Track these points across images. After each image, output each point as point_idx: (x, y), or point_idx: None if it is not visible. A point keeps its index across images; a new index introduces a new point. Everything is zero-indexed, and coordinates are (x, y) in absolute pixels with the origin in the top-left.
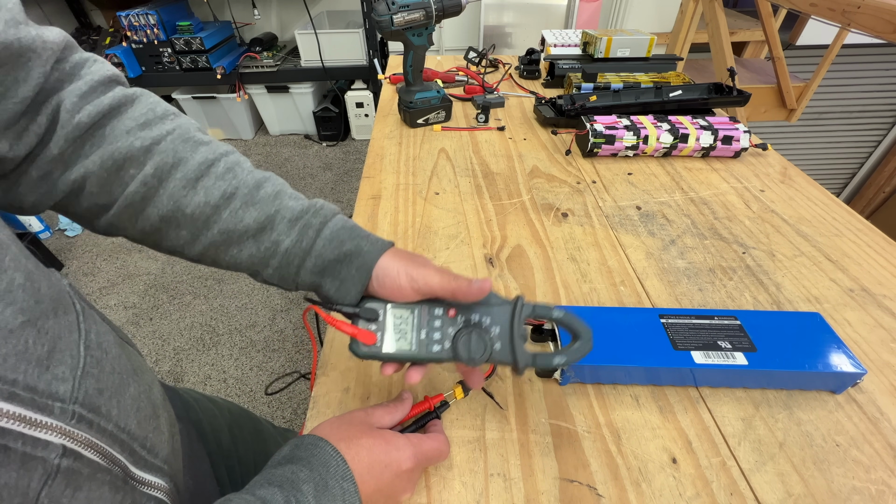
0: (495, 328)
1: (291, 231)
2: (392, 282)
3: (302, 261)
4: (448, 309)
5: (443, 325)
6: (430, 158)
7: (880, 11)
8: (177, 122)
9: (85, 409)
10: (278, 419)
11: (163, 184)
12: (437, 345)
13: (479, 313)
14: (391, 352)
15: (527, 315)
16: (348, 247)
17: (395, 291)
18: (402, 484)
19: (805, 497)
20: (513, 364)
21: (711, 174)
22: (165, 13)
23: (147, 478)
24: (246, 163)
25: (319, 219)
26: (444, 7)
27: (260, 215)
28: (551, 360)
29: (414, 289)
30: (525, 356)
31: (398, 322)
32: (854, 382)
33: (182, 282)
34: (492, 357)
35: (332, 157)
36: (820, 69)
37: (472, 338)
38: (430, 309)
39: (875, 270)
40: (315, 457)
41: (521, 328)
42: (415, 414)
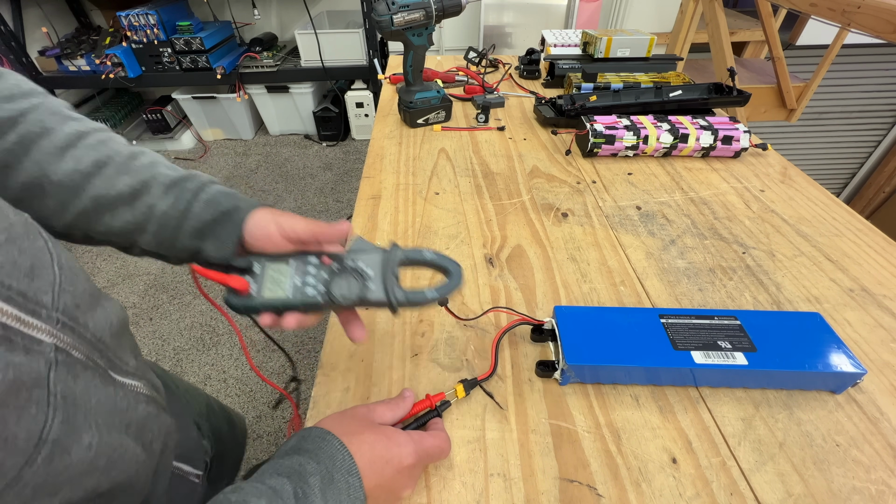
0: (369, 271)
1: (167, 195)
2: (262, 231)
3: (179, 223)
4: (323, 258)
5: (318, 272)
6: (430, 158)
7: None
8: (44, 99)
9: (66, 317)
10: (278, 419)
11: (27, 152)
12: (311, 289)
13: (354, 260)
14: (265, 299)
15: (399, 258)
16: (225, 206)
17: (266, 241)
18: (403, 480)
19: (805, 497)
20: (387, 303)
21: (711, 174)
22: (165, 13)
23: (126, 381)
24: (120, 139)
25: (196, 184)
26: (444, 7)
27: (134, 181)
28: (424, 295)
29: (282, 235)
30: (398, 294)
31: (273, 273)
32: (854, 382)
33: (182, 282)
34: (366, 297)
35: (332, 157)
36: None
37: (346, 280)
38: (305, 258)
39: (875, 270)
40: (322, 450)
41: (394, 270)
42: (416, 412)
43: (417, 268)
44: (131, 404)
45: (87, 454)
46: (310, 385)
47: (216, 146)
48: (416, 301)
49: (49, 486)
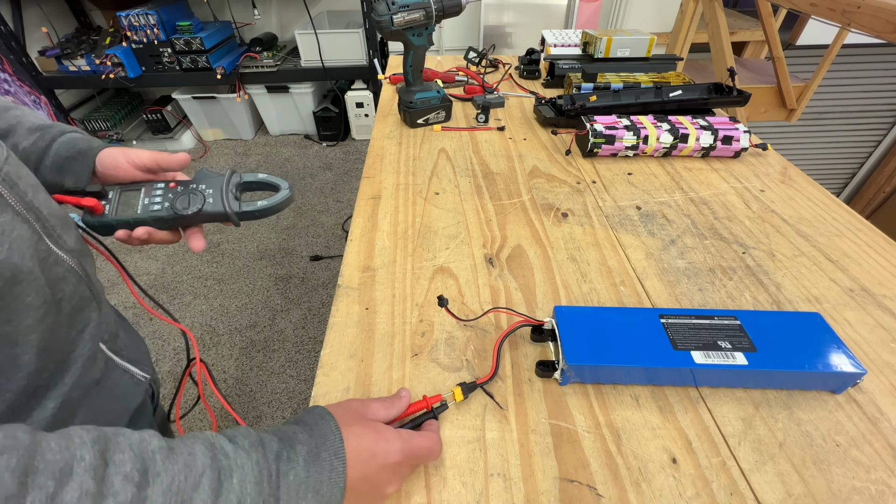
0: (209, 191)
1: (30, 136)
2: (111, 161)
3: (40, 159)
4: (170, 183)
5: (164, 193)
6: (430, 158)
7: (880, 11)
8: None
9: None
10: (278, 419)
11: None
12: (157, 206)
13: (197, 183)
14: (118, 216)
15: (235, 180)
16: (81, 146)
17: (116, 170)
18: (387, 476)
19: (805, 497)
20: (224, 213)
21: (711, 174)
22: (165, 13)
23: (58, 252)
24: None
25: (58, 129)
26: (444, 7)
27: (3, 124)
28: (255, 204)
29: (129, 163)
30: (233, 205)
31: (126, 197)
32: (854, 382)
33: (182, 282)
34: (204, 209)
35: (332, 157)
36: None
37: (188, 196)
38: (154, 184)
39: (875, 270)
40: (318, 426)
41: (232, 190)
42: (412, 412)
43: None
44: (52, 260)
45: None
46: (310, 385)
47: (216, 146)
48: (249, 210)
49: None
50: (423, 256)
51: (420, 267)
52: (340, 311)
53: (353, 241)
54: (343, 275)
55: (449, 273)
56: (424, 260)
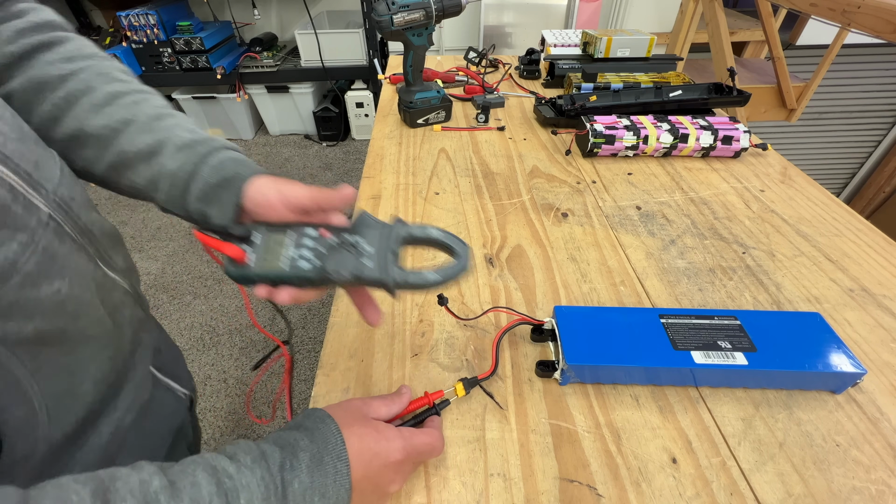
0: (369, 248)
1: (178, 156)
2: (263, 198)
3: (187, 185)
4: (322, 230)
5: (315, 245)
6: (430, 158)
7: (880, 11)
8: (99, 61)
9: (62, 203)
10: (278, 419)
11: (71, 107)
12: (307, 262)
13: (353, 234)
14: (261, 270)
15: (402, 235)
16: (229, 173)
17: (266, 208)
18: (389, 475)
19: (805, 497)
20: (384, 283)
21: (711, 174)
22: (165, 13)
23: (111, 274)
24: (158, 101)
25: (208, 147)
26: (444, 7)
27: (152, 140)
28: (424, 277)
29: (283, 202)
30: (398, 275)
31: (271, 243)
32: (854, 382)
33: (182, 282)
34: (361, 275)
35: (332, 157)
36: (820, 69)
37: (342, 255)
38: (303, 229)
39: (875, 270)
40: (318, 430)
41: (394, 247)
42: (414, 409)
43: (422, 247)
44: (109, 286)
45: (57, 297)
46: (310, 385)
47: None
48: (416, 283)
49: (22, 308)
50: (424, 256)
51: (420, 267)
52: (340, 311)
53: None
54: None
55: None
56: (425, 260)
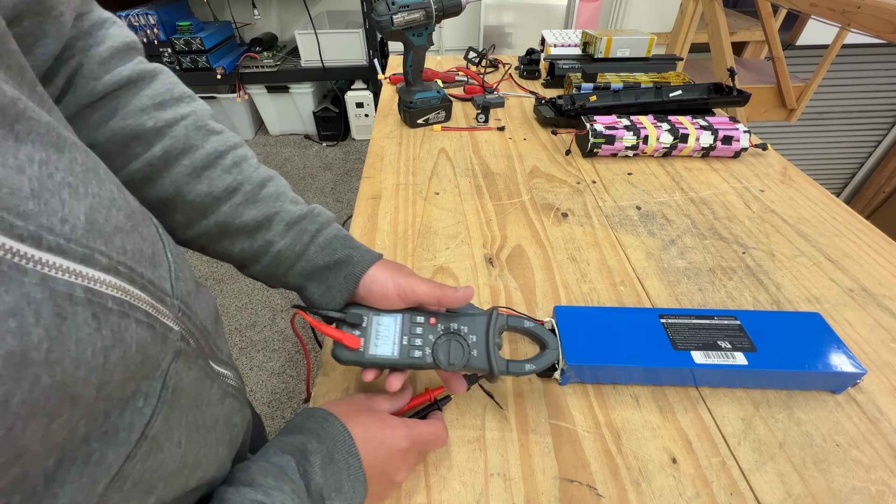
0: (472, 337)
1: (287, 234)
2: (380, 289)
3: (292, 263)
4: (429, 318)
5: (424, 333)
6: (430, 158)
7: (880, 11)
8: (192, 107)
9: (183, 305)
10: (278, 419)
11: (168, 168)
12: (417, 350)
13: (458, 322)
14: (374, 356)
15: (501, 325)
16: (340, 255)
17: (382, 299)
18: (396, 463)
19: (805, 497)
20: (489, 371)
21: (711, 174)
22: (165, 13)
23: (221, 370)
24: (253, 158)
25: (316, 225)
26: (444, 7)
27: (259, 214)
28: (523, 366)
29: (401, 296)
30: (500, 363)
31: (381, 329)
32: (854, 382)
33: None
34: (469, 363)
35: (332, 157)
36: (820, 69)
37: (451, 345)
38: (412, 317)
39: (875, 270)
40: (324, 430)
41: (496, 337)
42: (415, 405)
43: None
44: (222, 398)
45: (178, 451)
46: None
47: None
48: (516, 371)
49: (146, 483)
50: (423, 256)
51: (420, 267)
52: None
53: None
54: None
55: (449, 273)
56: (424, 260)
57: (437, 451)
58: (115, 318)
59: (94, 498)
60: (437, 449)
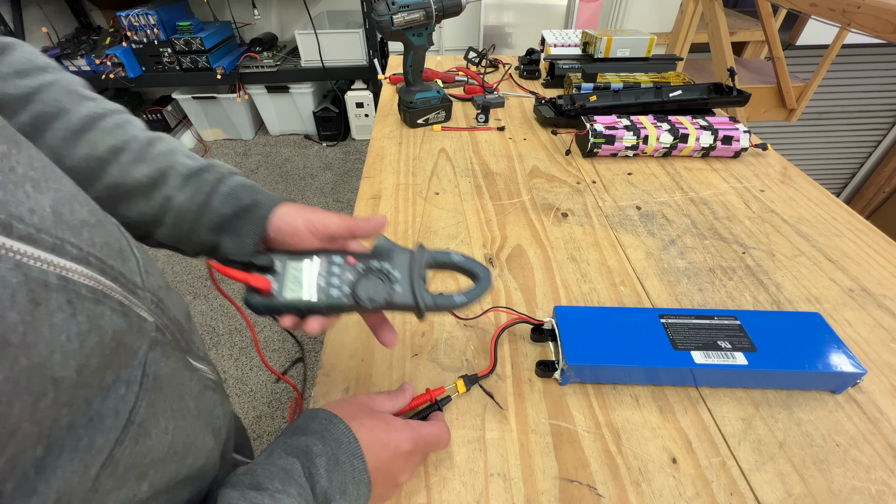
0: (395, 273)
1: (186, 187)
2: (289, 227)
3: (197, 217)
4: (347, 257)
5: (342, 272)
6: (430, 158)
7: (880, 11)
8: (59, 76)
9: (155, 297)
10: (278, 419)
11: (41, 134)
12: (336, 290)
13: (379, 260)
14: (289, 300)
15: (426, 260)
16: (246, 201)
17: (292, 236)
18: (400, 464)
19: (805, 497)
20: (415, 307)
21: (711, 174)
22: (165, 13)
23: (198, 365)
24: (137, 122)
25: (216, 175)
26: (444, 7)
27: (152, 171)
28: (453, 299)
29: (311, 230)
30: (426, 298)
31: (296, 272)
32: (854, 382)
33: (182, 282)
34: (392, 300)
35: (332, 157)
36: (820, 69)
37: (371, 282)
38: (329, 257)
39: (875, 270)
40: (329, 432)
41: (421, 272)
42: (416, 405)
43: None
44: (202, 390)
45: (166, 438)
46: (311, 385)
47: (216, 146)
48: (444, 305)
49: (137, 468)
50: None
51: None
52: None
53: None
54: None
55: (449, 273)
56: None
57: (438, 451)
58: (89, 304)
59: (88, 482)
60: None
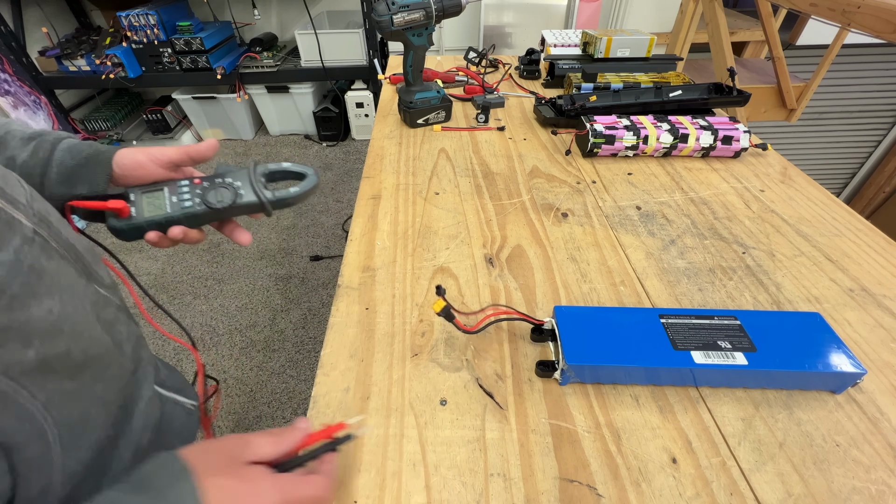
0: (237, 184)
1: (26, 147)
2: (132, 161)
3: (43, 172)
4: (194, 180)
5: (192, 190)
6: (430, 158)
7: (880, 11)
8: None
9: (42, 217)
10: (279, 419)
11: None
12: (189, 202)
13: (222, 176)
14: (147, 217)
15: (262, 171)
16: (88, 152)
17: (138, 169)
18: None
19: (805, 497)
20: (259, 204)
21: (711, 174)
22: (165, 13)
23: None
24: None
25: (53, 136)
26: (444, 7)
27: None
28: (289, 191)
29: (152, 160)
30: (267, 194)
31: (150, 197)
32: (854, 382)
33: (182, 282)
34: (238, 201)
35: (332, 157)
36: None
37: (219, 190)
38: (177, 183)
39: (875, 270)
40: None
41: (260, 179)
42: (309, 444)
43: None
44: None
45: (50, 317)
46: (310, 385)
47: None
48: (284, 197)
49: (16, 333)
50: (423, 256)
51: (420, 267)
52: (340, 311)
53: (353, 241)
54: (343, 275)
55: (449, 273)
56: (424, 260)
57: (437, 451)
58: None
59: None
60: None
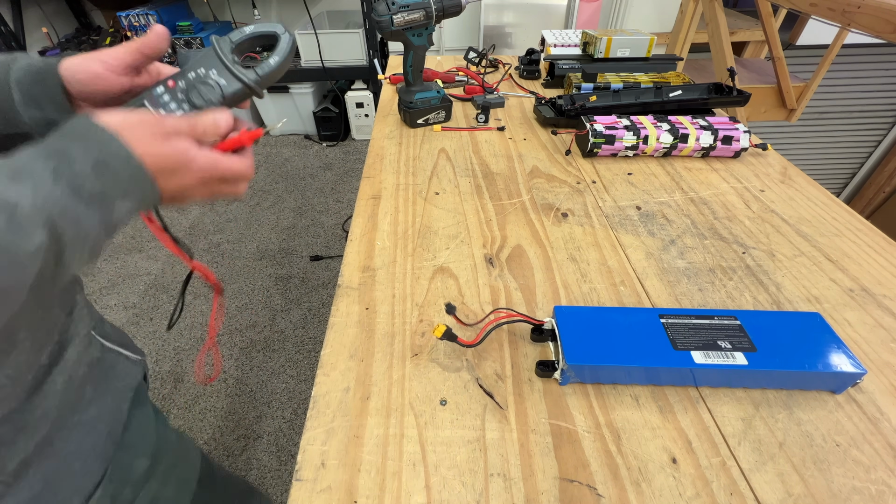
0: (212, 72)
1: None
2: (85, 72)
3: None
4: (167, 82)
5: (172, 95)
6: (430, 158)
7: (880, 11)
8: None
9: None
10: (279, 419)
11: None
12: (178, 109)
13: (193, 70)
14: None
15: (228, 48)
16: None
17: (95, 81)
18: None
19: (805, 497)
20: (245, 87)
21: (711, 174)
22: (165, 13)
23: None
24: None
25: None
26: (444, 7)
27: None
28: (268, 63)
29: (108, 68)
30: (249, 75)
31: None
32: (854, 382)
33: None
34: (225, 94)
35: (332, 157)
36: (820, 69)
37: (199, 89)
38: (151, 91)
39: (875, 270)
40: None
41: (231, 59)
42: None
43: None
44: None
45: None
46: (310, 385)
47: None
48: (267, 71)
49: None
50: (423, 256)
51: (420, 267)
52: (340, 311)
53: (353, 241)
54: (343, 275)
55: (449, 273)
56: (424, 260)
57: (437, 451)
58: None
59: None
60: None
